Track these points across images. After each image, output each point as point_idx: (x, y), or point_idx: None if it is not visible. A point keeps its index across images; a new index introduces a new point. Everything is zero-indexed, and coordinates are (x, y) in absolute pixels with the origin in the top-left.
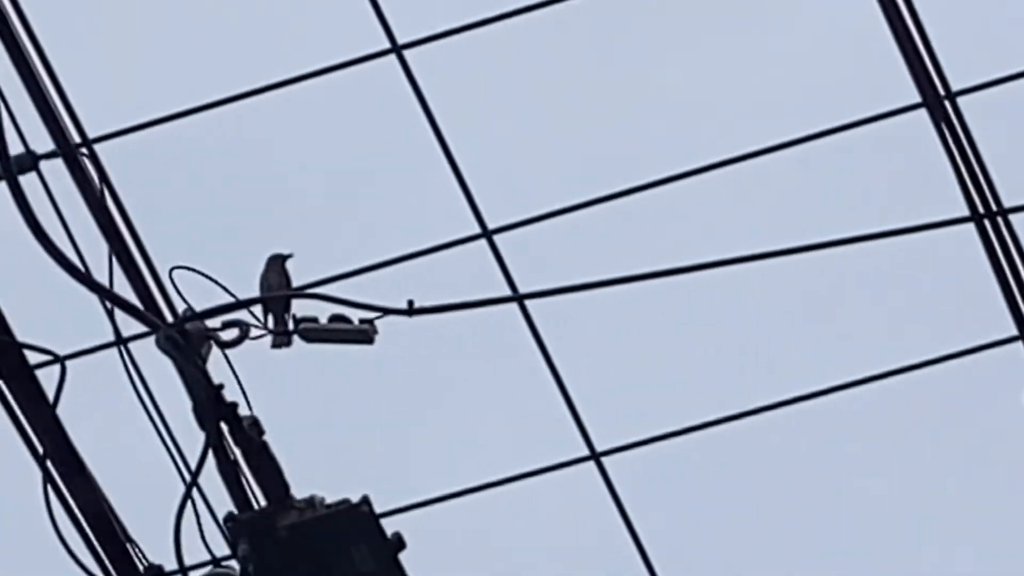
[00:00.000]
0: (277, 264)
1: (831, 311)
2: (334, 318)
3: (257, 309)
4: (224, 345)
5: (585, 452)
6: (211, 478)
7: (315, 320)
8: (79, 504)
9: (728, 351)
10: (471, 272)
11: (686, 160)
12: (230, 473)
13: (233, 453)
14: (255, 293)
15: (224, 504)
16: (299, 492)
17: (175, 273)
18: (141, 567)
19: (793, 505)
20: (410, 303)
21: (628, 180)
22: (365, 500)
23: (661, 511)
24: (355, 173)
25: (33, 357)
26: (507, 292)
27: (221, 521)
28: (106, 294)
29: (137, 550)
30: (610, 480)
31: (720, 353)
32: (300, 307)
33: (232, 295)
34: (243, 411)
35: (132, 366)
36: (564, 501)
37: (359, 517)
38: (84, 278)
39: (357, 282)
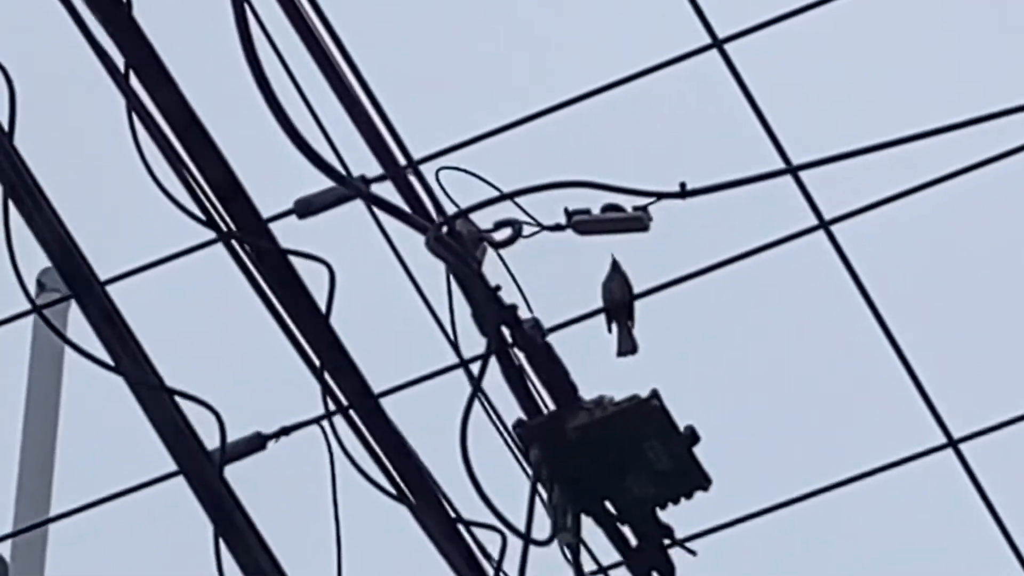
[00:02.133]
0: (618, 271)
1: None
2: (607, 208)
3: (521, 207)
4: (498, 245)
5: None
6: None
7: (588, 212)
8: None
9: None
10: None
11: None
12: (515, 378)
13: (517, 358)
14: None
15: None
16: (586, 394)
17: (442, 175)
18: None
19: None
20: (682, 185)
21: None
22: (655, 394)
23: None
24: None
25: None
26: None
27: (511, 428)
28: (372, 198)
29: None
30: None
31: None
32: (570, 199)
33: (499, 190)
34: (523, 314)
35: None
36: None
37: (649, 412)
38: (345, 180)
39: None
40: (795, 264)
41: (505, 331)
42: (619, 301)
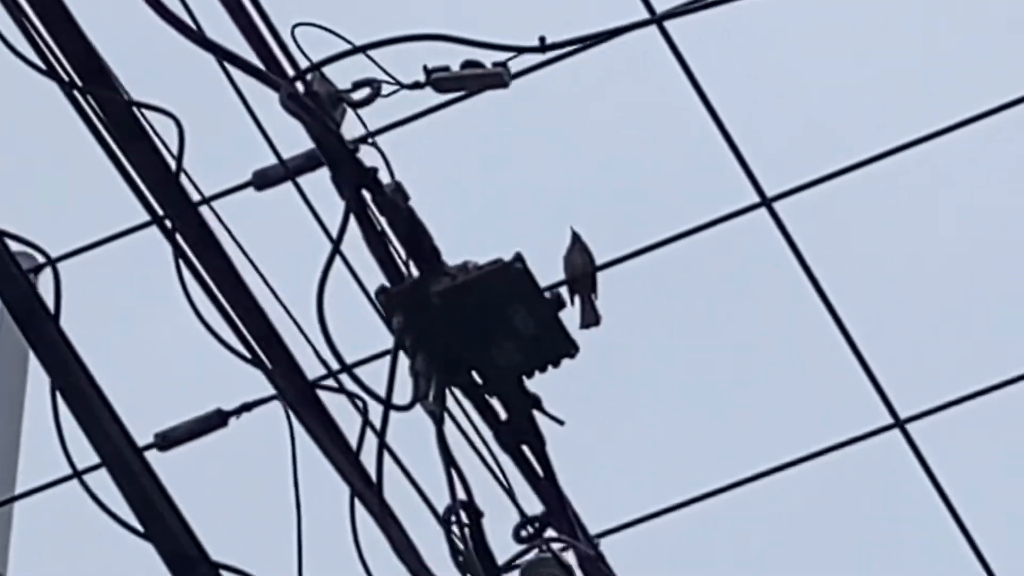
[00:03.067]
0: (579, 243)
1: None
2: (466, 64)
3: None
4: (355, 105)
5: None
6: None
7: (447, 69)
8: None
9: None
10: None
11: None
12: (377, 244)
13: (379, 223)
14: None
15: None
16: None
17: (298, 32)
18: None
19: None
20: (541, 39)
21: None
22: (518, 258)
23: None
24: None
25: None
26: None
27: (373, 295)
28: (223, 53)
29: None
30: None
31: None
32: (429, 55)
33: (354, 46)
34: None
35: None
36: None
37: (513, 276)
38: (198, 37)
39: None
40: (739, 242)
41: (366, 195)
42: (580, 273)
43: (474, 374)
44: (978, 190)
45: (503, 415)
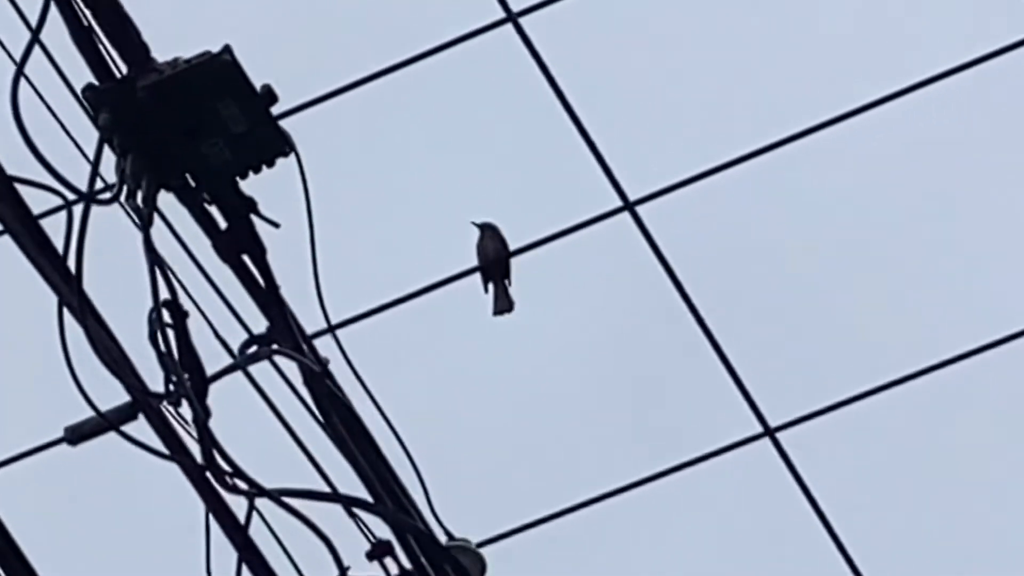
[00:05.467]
0: (491, 230)
1: None
2: None
3: None
4: None
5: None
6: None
7: None
8: None
9: None
10: None
11: None
12: (84, 40)
13: (86, 18)
14: None
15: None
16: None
17: None
18: None
19: None
20: None
21: None
22: (226, 49)
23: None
24: None
25: None
26: None
27: (79, 93)
28: None
29: None
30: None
31: None
32: None
33: None
34: None
35: None
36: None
37: (222, 68)
38: None
39: None
40: (605, 248)
41: None
42: (492, 260)
43: (189, 179)
44: (846, 188)
45: (223, 224)
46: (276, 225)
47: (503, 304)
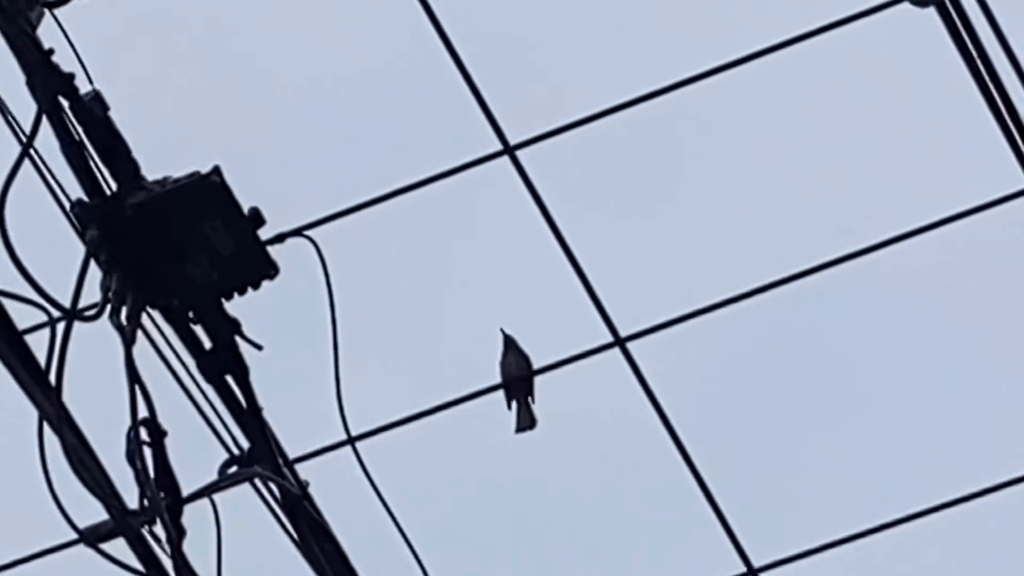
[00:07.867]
0: (515, 347)
1: None
2: None
3: None
4: (51, 5)
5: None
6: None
7: None
8: None
9: None
10: None
11: None
12: (75, 154)
13: (77, 133)
14: None
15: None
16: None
17: None
18: None
19: None
20: None
21: None
22: (216, 170)
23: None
24: None
25: None
26: None
27: (68, 209)
28: None
29: None
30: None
31: None
32: None
33: None
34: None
35: None
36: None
37: (210, 188)
38: None
39: None
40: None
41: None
42: (516, 377)
43: (175, 300)
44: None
45: (207, 345)
46: (259, 347)
47: (525, 422)
